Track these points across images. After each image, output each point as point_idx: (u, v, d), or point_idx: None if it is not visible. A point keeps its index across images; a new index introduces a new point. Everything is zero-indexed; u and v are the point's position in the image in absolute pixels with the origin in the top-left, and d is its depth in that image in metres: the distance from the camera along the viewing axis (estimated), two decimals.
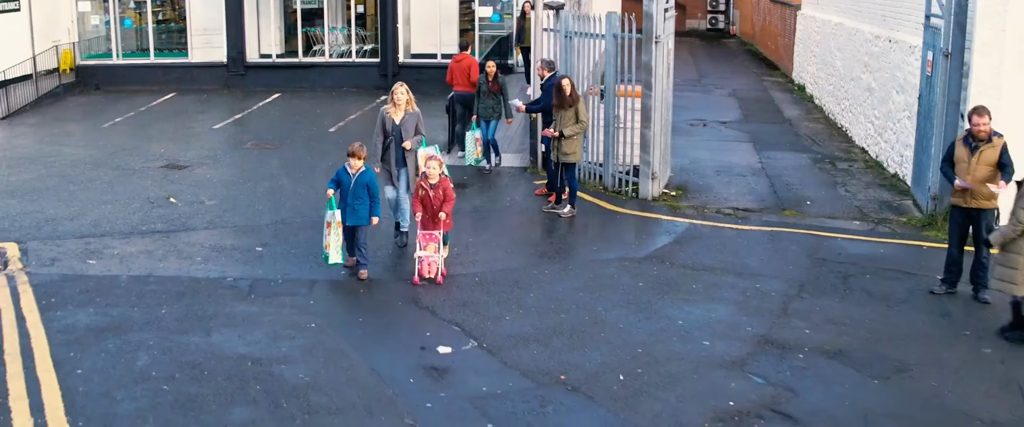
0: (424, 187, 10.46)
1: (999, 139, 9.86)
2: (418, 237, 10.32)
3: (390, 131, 11.28)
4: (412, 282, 10.23)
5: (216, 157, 17.24)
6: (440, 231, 10.34)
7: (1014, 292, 8.90)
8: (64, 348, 8.60)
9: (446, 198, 10.42)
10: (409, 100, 11.35)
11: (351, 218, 10.31)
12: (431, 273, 10.25)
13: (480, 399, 7.66)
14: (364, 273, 10.43)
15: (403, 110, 11.32)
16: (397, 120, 11.27)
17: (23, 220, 12.96)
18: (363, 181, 10.19)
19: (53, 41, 24.33)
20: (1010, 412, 7.63)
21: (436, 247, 10.26)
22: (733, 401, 7.67)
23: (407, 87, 11.46)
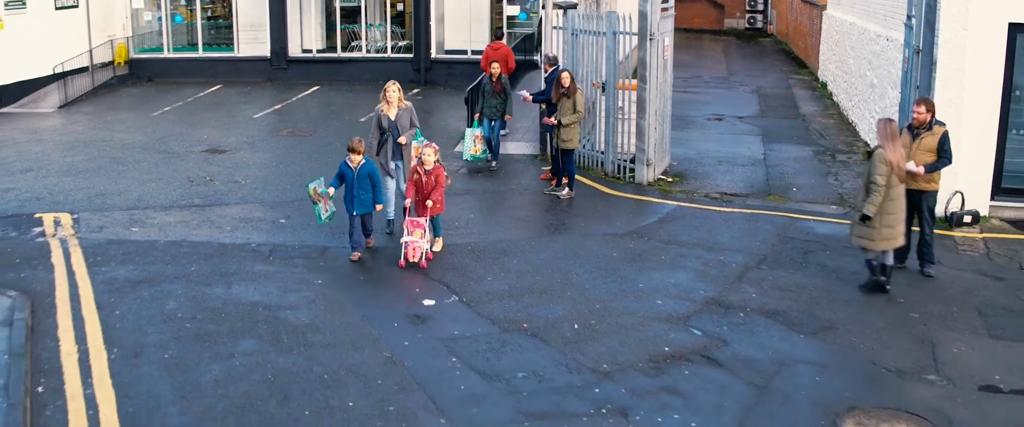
0: (419, 172, 11.32)
1: (940, 128, 11.05)
2: (405, 223, 11.19)
3: (386, 127, 12.25)
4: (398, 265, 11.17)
5: (253, 143, 18.94)
6: (426, 218, 11.19)
7: (871, 247, 10.32)
8: (105, 295, 10.26)
9: (437, 184, 11.28)
10: (401, 97, 12.33)
11: (359, 208, 11.30)
12: (416, 257, 11.09)
13: (451, 340, 9.13)
14: (371, 241, 11.83)
15: (396, 107, 12.25)
16: (392, 116, 12.21)
17: (76, 194, 14.74)
18: (365, 172, 11.20)
19: (109, 36, 26.39)
20: (915, 363, 8.88)
21: (421, 233, 11.09)
22: (669, 347, 9.05)
23: (399, 85, 12.44)
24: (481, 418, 7.62)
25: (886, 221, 10.24)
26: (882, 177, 10.11)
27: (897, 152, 10.26)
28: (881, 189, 10.12)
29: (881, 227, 10.25)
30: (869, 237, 10.24)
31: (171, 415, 7.57)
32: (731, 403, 7.95)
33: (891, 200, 10.22)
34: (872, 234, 10.22)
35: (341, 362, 8.59)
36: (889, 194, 10.19)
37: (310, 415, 7.60)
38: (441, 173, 11.39)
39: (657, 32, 14.89)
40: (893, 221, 10.29)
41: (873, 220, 10.19)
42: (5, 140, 19.15)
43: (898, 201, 10.30)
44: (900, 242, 10.48)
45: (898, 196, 10.28)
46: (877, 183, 10.10)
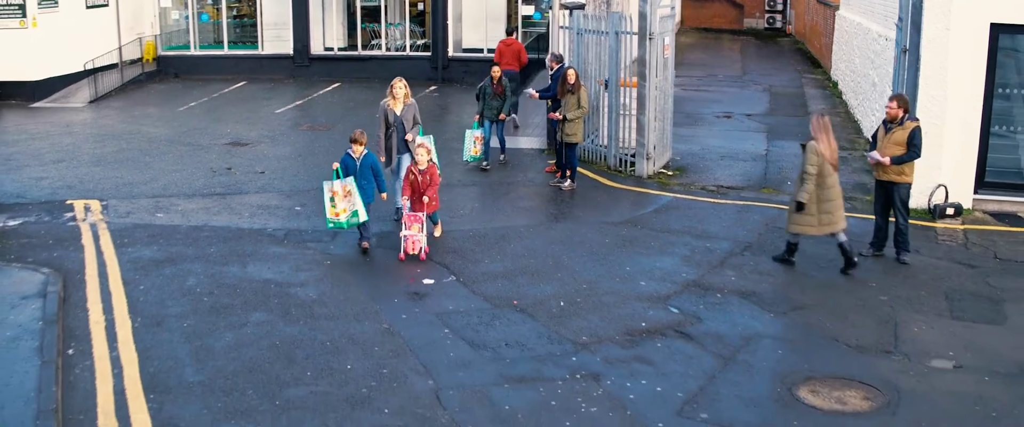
0: (413, 172, 11.89)
1: (911, 123, 11.78)
2: (404, 217, 11.74)
3: (392, 122, 12.98)
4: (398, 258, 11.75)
5: (274, 137, 19.93)
6: (424, 213, 11.76)
7: (806, 232, 11.36)
8: (131, 272, 11.24)
9: (432, 182, 11.84)
10: (407, 94, 12.96)
11: (362, 197, 11.76)
12: (415, 250, 11.67)
13: (445, 314, 10.02)
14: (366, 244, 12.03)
15: (402, 102, 12.93)
16: (398, 111, 12.89)
17: (105, 183, 15.77)
18: (367, 163, 11.75)
19: (138, 34, 27.54)
20: (876, 340, 9.65)
21: (420, 227, 11.66)
22: (645, 323, 9.88)
23: (405, 82, 13.14)
24: (466, 380, 8.49)
25: (824, 208, 11.15)
26: (813, 167, 11.05)
27: (829, 144, 11.15)
28: (812, 177, 11.02)
29: (819, 213, 11.17)
30: (808, 224, 11.19)
31: (187, 374, 8.50)
32: (697, 372, 8.77)
33: (827, 188, 11.12)
34: (810, 221, 11.16)
35: (343, 332, 9.50)
36: (825, 183, 11.08)
37: (311, 375, 8.51)
38: (435, 171, 11.95)
39: (656, 32, 15.68)
40: (831, 207, 11.18)
41: (810, 207, 11.00)
42: (38, 133, 20.26)
43: (833, 189, 11.19)
44: (840, 226, 11.37)
45: (833, 184, 11.19)
46: (809, 172, 11.03)
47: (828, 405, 8.22)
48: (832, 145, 11.23)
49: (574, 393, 8.27)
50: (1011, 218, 14.04)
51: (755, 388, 8.49)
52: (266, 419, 7.69)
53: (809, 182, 11.07)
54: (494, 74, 16.60)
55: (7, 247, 12.25)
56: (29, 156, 17.94)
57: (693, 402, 8.17)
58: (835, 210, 11.24)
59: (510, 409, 7.95)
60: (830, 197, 11.19)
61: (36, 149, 18.57)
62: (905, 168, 11.86)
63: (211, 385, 8.29)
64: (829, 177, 11.16)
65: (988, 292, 11.09)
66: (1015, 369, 9.01)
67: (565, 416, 7.85)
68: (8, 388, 7.96)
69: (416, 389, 8.31)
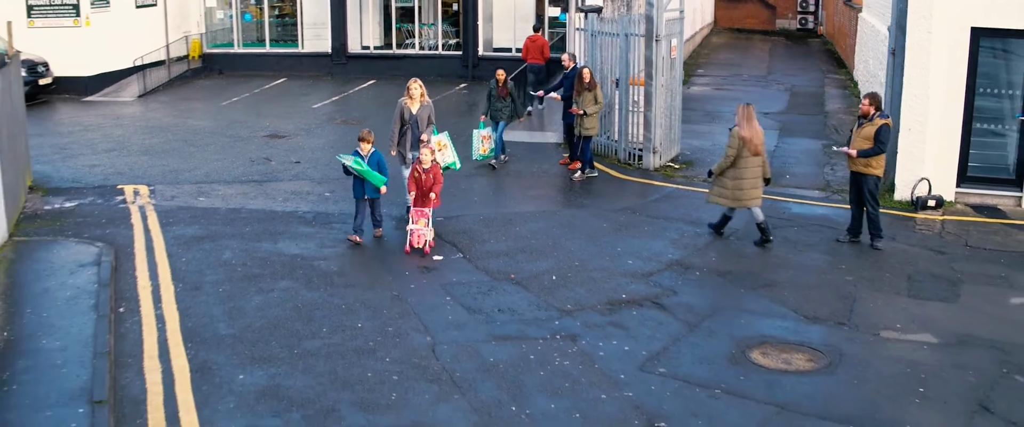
0: (418, 170, 12.64)
1: (880, 120, 12.96)
2: (410, 213, 12.68)
3: (407, 120, 13.79)
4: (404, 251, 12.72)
5: (310, 130, 21.51)
6: (430, 209, 12.59)
7: (722, 204, 13.15)
8: (175, 247, 12.81)
9: (436, 180, 12.63)
10: (423, 94, 13.83)
11: (369, 191, 12.78)
12: (420, 244, 12.52)
13: (449, 285, 11.46)
14: (379, 231, 13.19)
15: (418, 102, 13.81)
16: (414, 110, 13.77)
17: (152, 171, 17.42)
18: (374, 160, 12.64)
19: (184, 32, 29.37)
20: (831, 313, 10.89)
21: (426, 222, 12.52)
22: (626, 295, 11.24)
23: (421, 83, 13.91)
24: (459, 338, 9.92)
25: (737, 185, 12.84)
26: (732, 149, 12.76)
27: (751, 130, 12.66)
28: (729, 157, 12.73)
29: (733, 189, 12.84)
30: (723, 196, 12.92)
31: (220, 328, 10.03)
32: (663, 335, 10.12)
33: (744, 168, 12.64)
34: (726, 194, 12.88)
35: (357, 297, 10.97)
36: (743, 163, 12.66)
37: (326, 331, 9.99)
38: (438, 171, 12.77)
39: (663, 35, 16.99)
40: (744, 185, 12.81)
41: (727, 183, 12.74)
42: (91, 125, 22.03)
43: (750, 170, 12.74)
44: (753, 204, 12.97)
45: (751, 165, 12.76)
46: (727, 153, 12.77)
47: (774, 365, 9.53)
48: (756, 131, 12.77)
49: (551, 350, 9.66)
50: (991, 210, 15.15)
51: (712, 349, 9.81)
52: (285, 364, 9.17)
53: (726, 159, 12.82)
54: (499, 77, 17.59)
55: (65, 225, 13.89)
56: (83, 146, 19.67)
57: (654, 359, 9.52)
58: (751, 189, 12.92)
59: (494, 361, 9.36)
60: (747, 176, 12.83)
61: (89, 139, 20.31)
62: (872, 161, 13.05)
63: (240, 337, 9.80)
64: (747, 159, 12.76)
65: (949, 275, 12.27)
66: (953, 340, 10.23)
67: (540, 367, 9.24)
68: (70, 335, 9.53)
69: (415, 344, 9.75)
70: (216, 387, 8.67)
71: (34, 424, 7.73)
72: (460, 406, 8.43)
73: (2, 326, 9.73)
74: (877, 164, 13.02)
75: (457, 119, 22.21)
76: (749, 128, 12.75)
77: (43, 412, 7.93)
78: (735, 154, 12.72)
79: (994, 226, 14.42)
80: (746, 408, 8.53)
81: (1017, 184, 15.26)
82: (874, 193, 13.18)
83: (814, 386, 9.03)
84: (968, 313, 11.03)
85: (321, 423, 8.04)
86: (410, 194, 12.76)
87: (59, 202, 15.16)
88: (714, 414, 8.41)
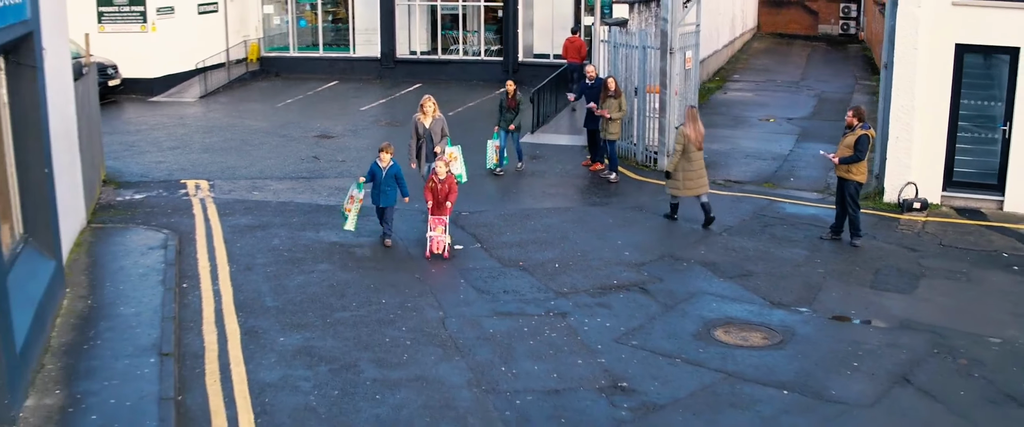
0: (434, 181, 13.81)
1: (862, 131, 14.66)
2: (429, 221, 13.91)
3: (421, 134, 15.49)
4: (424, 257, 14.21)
5: (357, 131, 23.68)
6: (447, 216, 13.84)
7: (676, 194, 15.42)
8: (230, 234, 14.97)
9: (451, 190, 13.80)
10: (435, 109, 15.54)
11: (384, 200, 13.97)
12: (439, 249, 13.80)
13: (465, 270, 13.45)
14: (389, 241, 14.26)
15: (431, 117, 15.48)
16: (427, 125, 15.47)
17: (212, 167, 19.68)
18: (392, 172, 13.91)
19: (243, 36, 31.81)
20: (795, 299, 12.66)
21: (443, 229, 13.81)
22: (617, 281, 13.15)
23: (434, 100, 15.58)
24: (466, 312, 11.91)
25: (687, 176, 15.13)
26: (679, 145, 15.11)
27: (695, 130, 14.91)
28: (678, 153, 14.97)
29: (684, 180, 15.08)
30: (676, 188, 15.15)
31: (267, 301, 12.13)
32: (641, 314, 12.01)
33: (690, 161, 14.83)
34: (678, 185, 15.06)
35: (384, 278, 13.03)
36: (689, 158, 14.84)
37: (355, 305, 12.04)
38: (453, 181, 13.96)
39: (677, 48, 18.82)
40: (693, 176, 15.10)
41: (677, 175, 14.97)
42: (157, 124, 24.44)
43: (696, 163, 15.00)
44: (703, 191, 15.31)
45: (696, 159, 15.07)
46: (675, 148, 15.02)
47: (733, 340, 11.37)
48: (698, 130, 15.05)
49: (543, 324, 11.61)
50: (973, 213, 16.76)
51: (682, 327, 11.68)
52: (318, 330, 11.24)
53: (675, 155, 15.07)
54: (508, 89, 18.99)
55: (136, 214, 16.14)
56: (150, 143, 22.04)
57: (629, 334, 11.42)
58: (698, 179, 15.24)
59: (493, 332, 11.34)
60: (693, 168, 15.12)
61: (155, 138, 22.68)
62: (853, 168, 14.75)
63: (283, 308, 11.90)
64: (693, 154, 15.05)
65: (914, 270, 13.96)
66: (896, 324, 11.97)
67: (531, 338, 11.19)
68: (142, 303, 11.70)
69: (428, 317, 11.76)
70: (261, 346, 10.77)
71: (115, 369, 9.87)
72: (459, 366, 10.42)
73: (87, 295, 11.93)
74: (857, 171, 14.71)
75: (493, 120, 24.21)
76: (693, 127, 15.12)
77: (122, 361, 10.07)
78: (681, 149, 15.01)
79: (970, 227, 16.03)
80: (698, 374, 10.40)
81: (999, 189, 16.81)
82: (854, 197, 14.88)
83: (761, 359, 10.86)
84: (919, 303, 12.74)
85: (343, 375, 10.09)
86: (428, 203, 13.90)
87: (129, 194, 17.43)
88: (669, 378, 10.29)
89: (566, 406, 9.58)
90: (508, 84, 19.26)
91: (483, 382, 10.04)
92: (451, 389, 9.87)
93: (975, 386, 10.33)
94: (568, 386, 10.01)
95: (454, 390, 9.85)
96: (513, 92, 19.03)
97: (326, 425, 9.05)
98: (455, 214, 15.35)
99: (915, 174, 16.88)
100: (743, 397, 9.90)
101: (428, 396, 9.69)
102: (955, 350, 11.18)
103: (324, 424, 9.07)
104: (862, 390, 10.15)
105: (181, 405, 9.36)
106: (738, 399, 9.85)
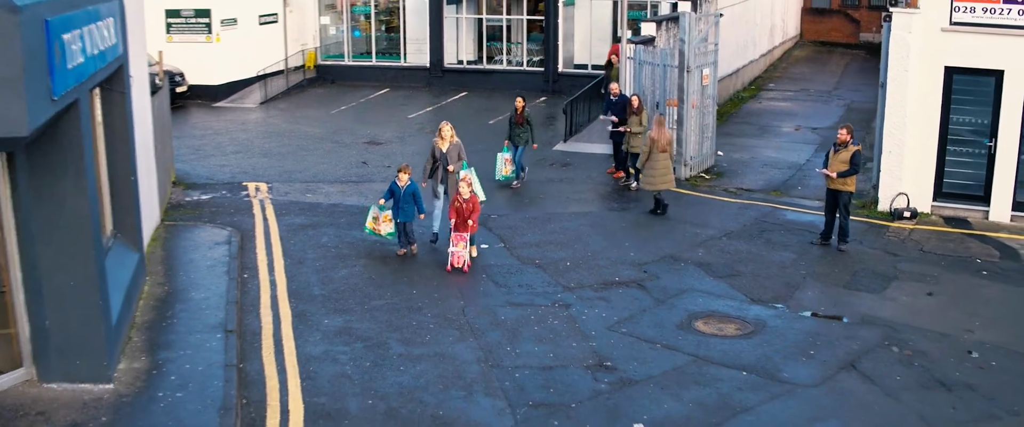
0: (459, 201, 15.38)
1: (854, 147, 16.66)
2: (451, 237, 15.41)
3: (438, 157, 16.81)
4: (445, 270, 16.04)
5: (404, 138, 26.10)
6: (469, 234, 15.41)
7: (651, 188, 17.71)
8: (286, 232, 17.43)
9: (474, 209, 15.38)
10: (452, 135, 16.74)
11: (402, 216, 15.68)
12: (459, 264, 15.36)
13: (487, 266, 15.74)
14: (414, 248, 16.17)
15: (448, 142, 16.75)
16: (444, 149, 16.73)
17: (270, 171, 22.21)
18: (410, 191, 15.52)
19: (301, 45, 34.48)
20: (773, 297, 14.72)
21: (464, 245, 15.34)
22: (618, 278, 15.34)
23: (451, 126, 16.88)
24: (484, 302, 14.20)
25: (651, 174, 17.83)
26: (645, 147, 17.80)
27: (659, 134, 17.44)
28: (644, 153, 17.63)
29: (651, 176, 17.57)
30: (652, 182, 17.67)
31: (314, 290, 14.53)
32: (635, 307, 14.18)
33: (655, 160, 17.43)
34: (645, 180, 17.80)
35: (416, 271, 15.37)
36: (654, 158, 17.43)
37: (389, 294, 14.39)
38: (477, 201, 15.54)
39: (694, 66, 20.92)
40: (655, 174, 17.82)
41: (646, 171, 17.61)
42: (220, 129, 27.10)
43: (660, 163, 17.69)
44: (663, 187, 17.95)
45: (660, 159, 17.75)
46: (642, 150, 17.76)
47: (710, 330, 13.49)
48: (664, 135, 17.66)
49: (548, 313, 13.85)
50: (960, 222, 18.64)
51: (668, 318, 13.84)
52: (356, 314, 13.60)
53: (642, 155, 17.88)
54: (517, 106, 20.60)
55: (202, 213, 18.66)
56: (214, 148, 24.66)
57: (621, 323, 13.61)
58: (660, 176, 17.92)
59: (504, 318, 13.61)
60: (657, 168, 17.71)
61: (219, 142, 25.30)
62: (847, 181, 16.75)
63: (328, 296, 14.30)
64: (657, 155, 17.69)
65: (889, 273, 15.94)
66: (858, 320, 13.99)
67: (536, 324, 13.43)
68: (210, 290, 14.15)
69: (451, 305, 14.07)
70: (308, 326, 13.16)
71: (189, 341, 12.30)
72: (471, 345, 12.71)
73: (164, 283, 14.43)
74: (850, 183, 16.71)
75: (537, 129, 26.42)
76: (658, 132, 17.76)
77: (194, 335, 12.50)
78: (648, 150, 17.69)
79: (953, 235, 17.93)
80: (672, 357, 12.56)
81: (986, 200, 18.67)
82: (848, 206, 16.89)
83: (731, 346, 12.98)
84: (884, 301, 14.73)
85: (375, 350, 12.43)
86: (451, 221, 15.44)
87: (197, 195, 19.99)
88: (648, 359, 12.47)
89: (556, 379, 11.81)
90: (517, 101, 20.82)
91: (490, 359, 12.31)
92: (463, 364, 12.15)
93: (912, 373, 12.33)
94: (561, 364, 12.24)
95: (465, 364, 12.13)
96: (521, 108, 20.57)
97: (358, 388, 11.39)
98: (485, 217, 17.68)
99: (907, 185, 18.80)
100: (707, 376, 12.04)
101: (443, 369, 11.98)
102: (903, 342, 13.18)
103: (356, 388, 11.41)
104: (810, 374, 12.22)
105: (242, 371, 11.76)
106: (702, 378, 11.99)
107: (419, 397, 11.23)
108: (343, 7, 35.26)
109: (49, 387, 10.76)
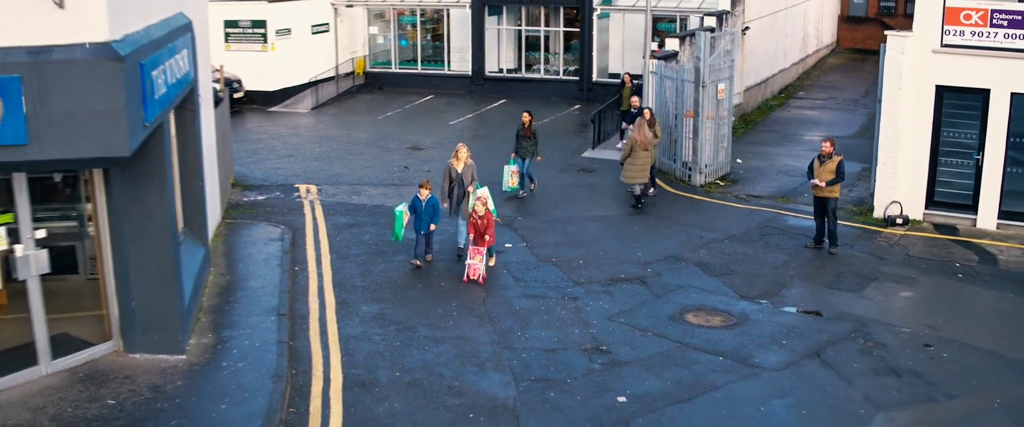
0: (475, 217, 16.89)
1: (837, 157, 18.78)
2: (469, 250, 17.09)
3: (454, 178, 18.32)
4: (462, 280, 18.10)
5: (444, 144, 28.51)
6: (485, 247, 16.95)
7: (628, 181, 20.19)
8: (332, 230, 19.92)
9: (488, 224, 16.81)
10: (467, 156, 18.28)
11: (423, 227, 17.37)
12: (475, 276, 16.92)
13: (508, 263, 18.08)
14: (430, 257, 17.95)
15: (463, 163, 18.29)
16: (459, 170, 18.25)
17: (319, 173, 24.75)
18: (430, 204, 17.29)
19: (351, 53, 37.09)
20: (760, 293, 16.88)
21: (480, 258, 16.90)
22: (623, 275, 17.60)
23: (467, 148, 18.40)
24: (502, 293, 16.54)
25: (632, 169, 20.11)
26: (627, 146, 20.18)
27: (642, 134, 19.75)
28: (625, 150, 20.15)
29: (630, 171, 19.96)
30: (631, 178, 20.01)
31: (356, 281, 16.99)
32: (634, 301, 16.44)
33: (636, 158, 19.80)
34: (625, 174, 20.08)
35: (446, 267, 17.77)
36: (635, 155, 19.72)
37: (421, 287, 16.81)
38: (491, 217, 16.98)
39: (708, 81, 23.07)
40: (635, 170, 20.25)
41: (627, 167, 19.87)
42: (275, 134, 29.73)
43: (640, 160, 20.10)
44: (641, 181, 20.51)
45: (641, 157, 20.22)
46: (623, 148, 20.17)
47: (698, 322, 15.71)
48: (644, 135, 20.00)
49: (557, 304, 16.16)
50: (949, 229, 20.61)
51: (662, 311, 16.07)
52: (391, 303, 16.03)
53: (623, 151, 20.24)
54: (524, 119, 22.20)
55: (259, 212, 21.22)
56: (269, 151, 27.27)
57: (620, 314, 15.87)
58: (638, 171, 20.28)
59: (519, 307, 15.95)
60: (636, 163, 20.05)
61: (273, 146, 27.91)
62: (833, 188, 18.85)
63: (367, 286, 16.74)
64: (639, 152, 20.12)
65: (871, 274, 18.00)
66: (833, 315, 16.08)
67: (545, 314, 15.75)
68: (265, 280, 16.65)
69: (473, 296, 16.44)
70: (349, 312, 15.61)
71: (248, 323, 14.78)
72: (488, 330, 15.06)
73: (226, 273, 16.96)
74: (837, 190, 18.83)
75: (569, 136, 28.89)
76: (639, 133, 20.16)
77: (252, 317, 14.99)
78: (630, 148, 20.10)
79: (940, 241, 19.92)
80: (660, 343, 14.80)
81: (974, 208, 20.63)
82: (834, 211, 18.99)
83: (713, 335, 15.19)
84: (860, 299, 16.82)
85: (405, 332, 14.84)
86: (469, 236, 17.04)
87: (253, 196, 22.55)
88: (638, 344, 14.72)
89: (557, 360, 14.13)
90: (524, 115, 22.49)
91: (502, 342, 14.65)
92: (478, 345, 14.51)
93: (869, 361, 14.43)
94: (562, 347, 14.55)
95: (480, 346, 14.49)
96: (528, 123, 22.24)
97: (388, 363, 13.81)
98: (510, 220, 20.03)
99: (901, 194, 20.82)
100: (687, 360, 14.27)
101: (461, 349, 14.36)
102: (868, 335, 15.28)
103: (387, 362, 13.83)
104: (778, 360, 14.39)
105: (292, 348, 14.22)
106: (683, 361, 14.23)
107: (439, 371, 13.61)
108: (391, 17, 37.81)
109: (133, 357, 13.29)
